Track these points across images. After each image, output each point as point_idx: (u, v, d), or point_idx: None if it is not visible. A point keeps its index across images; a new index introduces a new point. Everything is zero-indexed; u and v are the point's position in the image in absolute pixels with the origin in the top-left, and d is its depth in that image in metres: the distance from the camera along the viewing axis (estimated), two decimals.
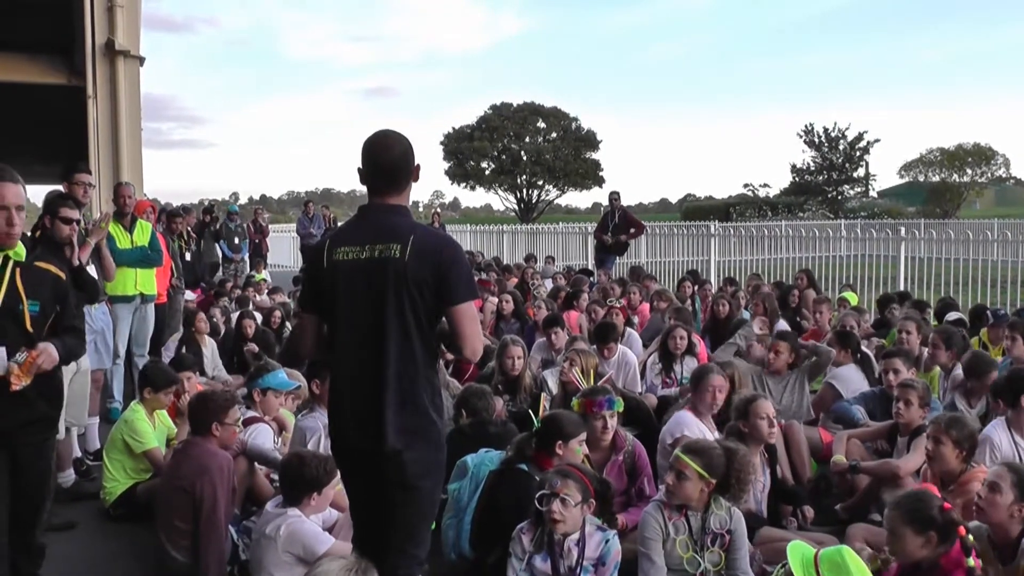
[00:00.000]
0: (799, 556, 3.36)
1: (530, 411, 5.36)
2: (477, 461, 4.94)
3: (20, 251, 3.85)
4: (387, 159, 3.37)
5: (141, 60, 12.80)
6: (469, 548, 4.67)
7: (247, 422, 5.56)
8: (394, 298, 3.25)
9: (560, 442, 4.66)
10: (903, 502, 3.72)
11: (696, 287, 12.02)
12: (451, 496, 4.83)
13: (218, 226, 17.53)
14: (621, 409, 5.32)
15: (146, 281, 8.13)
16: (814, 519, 5.23)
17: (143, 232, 8.16)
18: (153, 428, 5.93)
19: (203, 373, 8.47)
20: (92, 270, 6.38)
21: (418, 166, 3.43)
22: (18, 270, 3.83)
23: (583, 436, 4.81)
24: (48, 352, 3.76)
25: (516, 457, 4.74)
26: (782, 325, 9.21)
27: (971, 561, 3.52)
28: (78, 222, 5.89)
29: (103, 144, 12.17)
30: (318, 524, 4.49)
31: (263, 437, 5.56)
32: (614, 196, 15.51)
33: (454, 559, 4.74)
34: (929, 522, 3.57)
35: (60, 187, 6.99)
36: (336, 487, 4.39)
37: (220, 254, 17.33)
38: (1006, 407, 5.34)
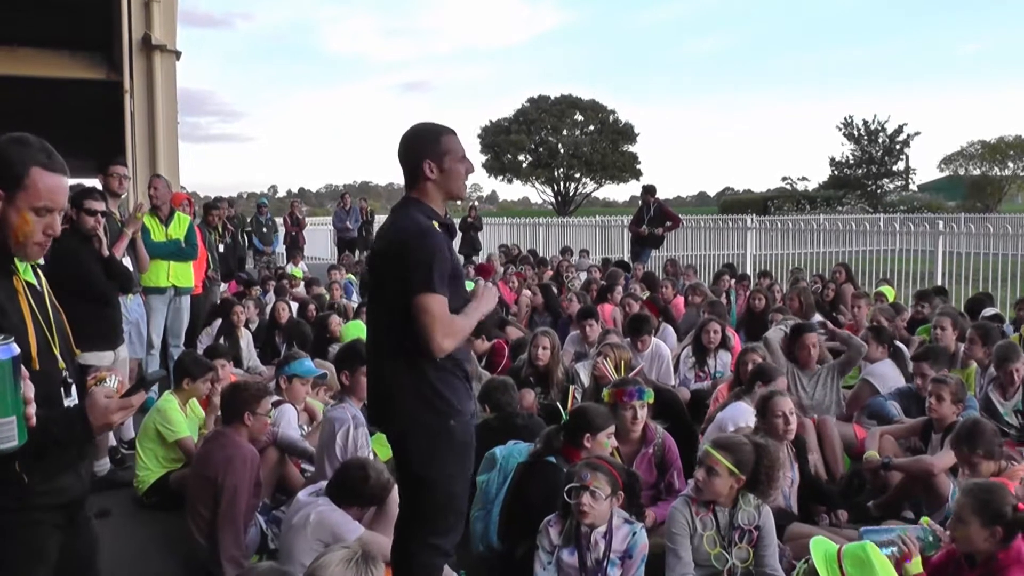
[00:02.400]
0: (822, 552, 3.32)
1: (558, 404, 5.34)
2: (505, 453, 4.94)
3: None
4: (399, 152, 3.46)
5: (177, 54, 12.94)
6: (497, 540, 4.67)
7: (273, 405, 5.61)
8: (379, 291, 3.44)
9: (588, 435, 4.63)
10: (976, 491, 3.66)
11: (733, 281, 11.93)
12: (479, 488, 4.83)
13: (248, 221, 17.52)
14: (651, 400, 5.27)
15: (179, 274, 8.22)
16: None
17: (179, 225, 8.24)
18: (185, 417, 5.99)
19: (239, 364, 8.52)
20: (127, 261, 6.44)
21: (430, 162, 3.36)
22: None
23: (611, 429, 4.78)
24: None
25: (544, 449, 4.72)
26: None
27: None
28: (104, 214, 5.93)
29: (139, 138, 12.34)
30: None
31: (287, 418, 5.61)
32: (647, 190, 15.34)
33: (482, 551, 4.75)
34: (998, 517, 3.52)
35: (97, 180, 7.13)
36: None
37: (247, 246, 17.11)
38: None
